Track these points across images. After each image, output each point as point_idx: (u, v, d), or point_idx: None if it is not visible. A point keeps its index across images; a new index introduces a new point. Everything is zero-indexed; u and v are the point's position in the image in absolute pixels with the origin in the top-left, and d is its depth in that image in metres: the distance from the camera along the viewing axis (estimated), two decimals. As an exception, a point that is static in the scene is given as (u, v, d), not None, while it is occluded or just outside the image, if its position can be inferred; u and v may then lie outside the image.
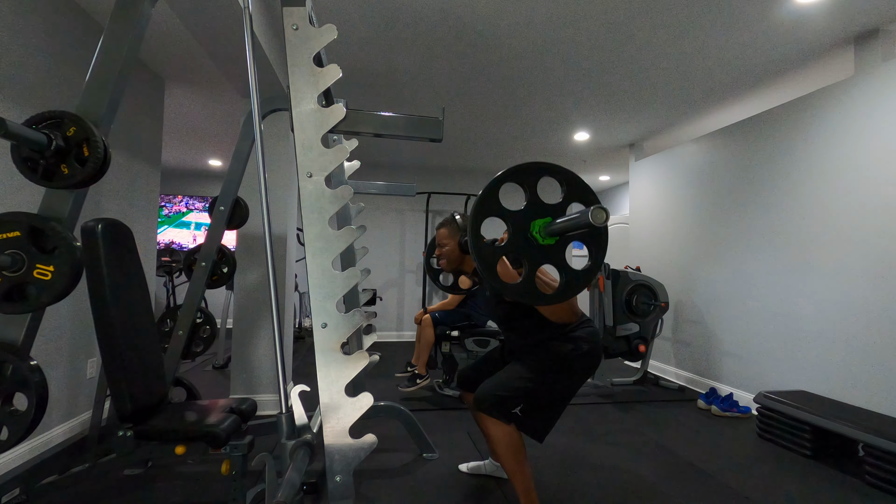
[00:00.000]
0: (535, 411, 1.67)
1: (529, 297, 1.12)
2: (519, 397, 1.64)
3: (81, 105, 1.27)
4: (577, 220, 1.00)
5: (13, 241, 1.12)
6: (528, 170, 1.12)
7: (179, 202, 6.84)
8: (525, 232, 1.11)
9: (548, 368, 1.67)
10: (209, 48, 2.42)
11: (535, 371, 1.67)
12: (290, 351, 3.33)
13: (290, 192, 3.19)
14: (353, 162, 2.54)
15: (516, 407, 1.64)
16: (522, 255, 1.11)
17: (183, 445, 1.62)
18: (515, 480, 1.67)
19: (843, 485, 2.20)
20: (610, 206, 7.66)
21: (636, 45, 2.86)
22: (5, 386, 1.15)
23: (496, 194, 1.12)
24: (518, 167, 1.12)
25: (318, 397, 1.03)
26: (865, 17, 2.53)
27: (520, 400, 1.64)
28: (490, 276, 1.10)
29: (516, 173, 1.12)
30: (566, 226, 1.04)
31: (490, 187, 1.11)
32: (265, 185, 1.17)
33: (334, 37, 1.11)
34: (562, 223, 1.06)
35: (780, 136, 3.24)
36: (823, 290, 2.86)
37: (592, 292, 3.86)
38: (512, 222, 1.11)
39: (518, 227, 1.11)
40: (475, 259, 1.11)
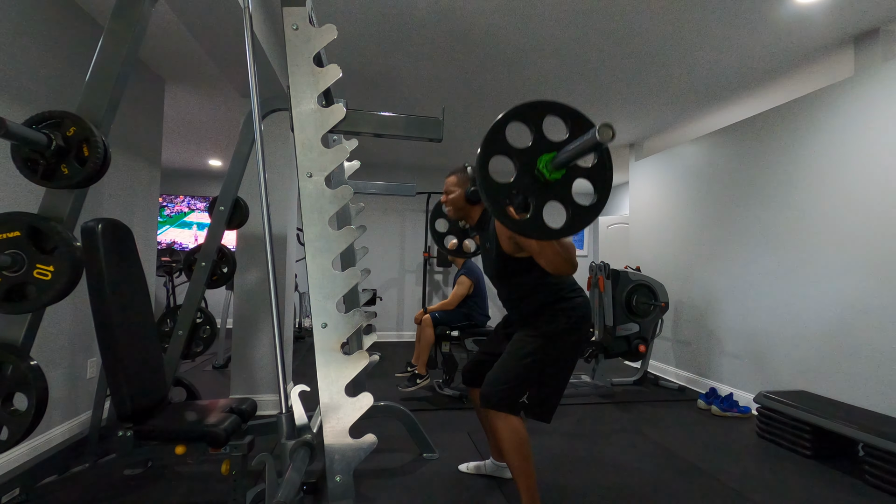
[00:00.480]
0: (541, 394, 1.69)
1: (537, 232, 1.13)
2: (523, 384, 1.66)
3: (81, 105, 1.27)
4: (583, 142, 0.98)
5: (13, 241, 1.12)
6: (533, 107, 1.13)
7: (181, 202, 6.84)
8: (531, 169, 1.12)
9: (545, 342, 1.69)
10: (209, 48, 2.42)
11: (533, 349, 1.69)
12: (290, 351, 3.33)
13: (290, 192, 3.20)
14: (353, 162, 2.54)
15: (523, 395, 1.65)
16: (529, 192, 1.12)
17: (183, 445, 1.62)
18: (520, 478, 1.67)
19: (843, 485, 2.20)
20: (610, 206, 7.66)
21: (636, 45, 2.86)
22: (5, 386, 1.15)
23: (503, 132, 1.13)
24: (523, 105, 1.13)
25: (318, 397, 1.04)
26: (865, 17, 2.53)
27: (524, 387, 1.66)
28: (500, 212, 1.11)
29: (521, 111, 1.13)
30: (573, 152, 1.03)
31: (496, 126, 1.12)
32: (265, 185, 1.17)
33: (334, 37, 1.11)
34: (568, 151, 1.05)
35: (780, 136, 3.24)
36: (823, 290, 2.86)
37: (592, 292, 3.86)
38: (518, 160, 1.12)
39: (524, 164, 1.12)
40: (483, 195, 1.11)
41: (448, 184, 1.98)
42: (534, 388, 1.67)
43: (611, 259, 6.64)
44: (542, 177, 1.12)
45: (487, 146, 1.11)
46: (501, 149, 1.12)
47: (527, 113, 1.13)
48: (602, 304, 3.76)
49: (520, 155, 1.12)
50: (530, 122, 1.13)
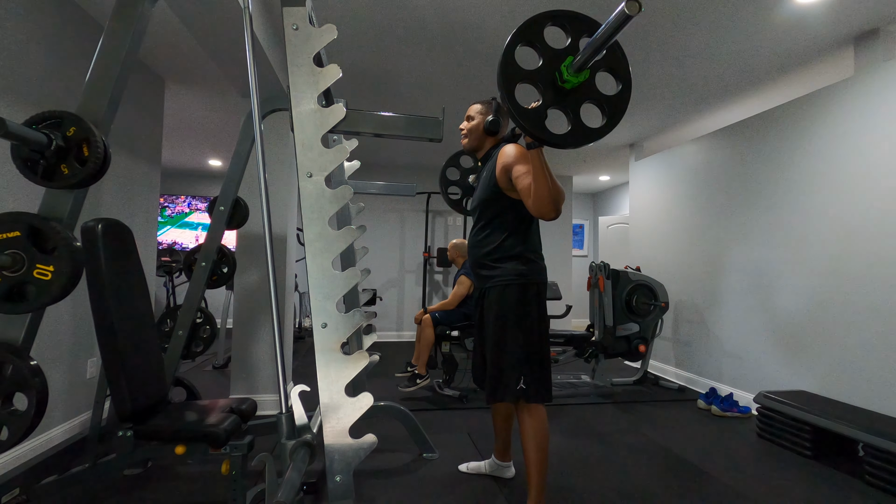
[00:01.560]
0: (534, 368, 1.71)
1: (537, 128, 1.15)
2: (513, 367, 1.69)
3: (81, 105, 1.27)
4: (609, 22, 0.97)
5: (13, 241, 1.12)
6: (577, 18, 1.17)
7: (182, 202, 6.84)
8: (554, 69, 1.15)
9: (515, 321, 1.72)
10: (209, 48, 2.42)
11: (506, 331, 1.72)
12: (290, 351, 3.33)
13: (290, 192, 3.19)
14: (353, 162, 2.54)
15: (519, 381, 1.68)
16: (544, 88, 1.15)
17: (183, 445, 1.62)
18: (536, 471, 1.70)
19: (843, 485, 2.20)
20: (610, 206, 7.67)
21: (636, 45, 2.86)
22: (5, 386, 1.15)
23: (542, 28, 1.16)
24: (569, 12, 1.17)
25: (318, 397, 1.04)
26: (865, 17, 2.53)
27: (516, 370, 1.69)
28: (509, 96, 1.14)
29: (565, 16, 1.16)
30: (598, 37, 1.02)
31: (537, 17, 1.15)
32: (265, 185, 1.17)
33: (334, 37, 1.11)
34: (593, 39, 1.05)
35: (780, 136, 3.24)
36: (823, 290, 2.86)
37: (592, 292, 3.86)
38: (546, 55, 1.15)
39: (549, 62, 1.15)
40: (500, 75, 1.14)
41: (471, 110, 1.96)
42: (526, 369, 1.70)
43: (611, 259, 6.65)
44: (560, 79, 1.14)
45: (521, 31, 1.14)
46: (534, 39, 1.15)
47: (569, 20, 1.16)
48: (602, 304, 3.76)
49: (549, 52, 1.15)
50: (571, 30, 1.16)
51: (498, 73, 1.14)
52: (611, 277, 3.81)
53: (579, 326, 6.18)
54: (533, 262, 1.78)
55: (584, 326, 4.11)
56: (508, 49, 1.13)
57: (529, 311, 1.73)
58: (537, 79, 1.15)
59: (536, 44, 1.15)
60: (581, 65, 1.10)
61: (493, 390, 1.73)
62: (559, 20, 1.16)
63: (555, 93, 1.15)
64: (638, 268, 4.38)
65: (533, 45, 1.15)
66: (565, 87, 1.15)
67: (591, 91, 1.18)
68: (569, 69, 1.13)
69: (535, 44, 1.15)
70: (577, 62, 1.10)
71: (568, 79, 1.13)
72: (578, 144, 1.18)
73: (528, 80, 1.15)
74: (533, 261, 1.79)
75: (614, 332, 3.74)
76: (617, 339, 3.76)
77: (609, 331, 3.73)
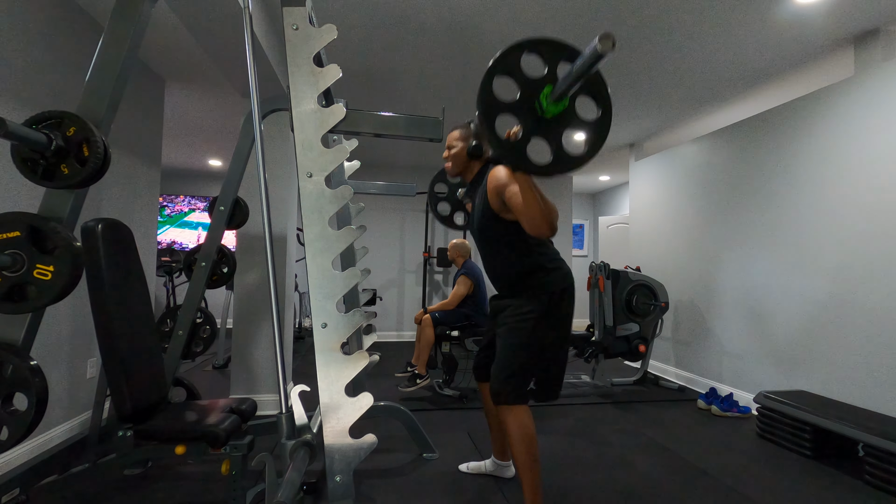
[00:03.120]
0: (548, 375, 1.72)
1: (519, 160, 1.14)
2: (527, 373, 1.69)
3: (81, 105, 1.27)
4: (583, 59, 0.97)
5: (13, 241, 1.12)
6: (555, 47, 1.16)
7: (181, 202, 6.84)
8: (533, 99, 1.14)
9: (535, 325, 1.70)
10: (209, 48, 2.42)
11: (526, 336, 1.70)
12: (290, 351, 3.33)
13: (290, 192, 3.19)
14: (353, 162, 2.54)
15: (529, 383, 1.68)
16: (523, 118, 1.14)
17: (183, 445, 1.62)
18: (527, 474, 1.68)
19: (843, 485, 2.20)
20: (610, 206, 7.66)
21: (636, 45, 2.86)
22: (5, 386, 1.15)
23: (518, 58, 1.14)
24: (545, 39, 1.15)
25: (318, 397, 1.04)
26: (865, 17, 2.53)
27: (529, 374, 1.68)
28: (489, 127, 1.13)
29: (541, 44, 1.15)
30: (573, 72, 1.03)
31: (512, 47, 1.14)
32: (265, 185, 1.17)
33: (334, 37, 1.11)
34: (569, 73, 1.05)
35: (780, 136, 3.24)
36: (823, 290, 2.86)
37: (592, 292, 3.86)
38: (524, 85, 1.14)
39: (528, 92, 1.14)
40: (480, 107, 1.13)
41: (451, 138, 1.96)
42: (539, 373, 1.70)
43: (611, 259, 6.65)
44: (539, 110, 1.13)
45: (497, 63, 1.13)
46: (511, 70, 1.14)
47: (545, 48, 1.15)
48: (602, 304, 3.76)
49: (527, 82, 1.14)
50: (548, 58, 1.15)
51: (477, 106, 1.13)
52: (611, 277, 3.81)
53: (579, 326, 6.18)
54: (554, 271, 1.77)
55: (584, 326, 4.11)
56: (486, 81, 1.12)
57: (556, 316, 1.73)
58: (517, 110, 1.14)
59: (514, 74, 1.14)
60: (559, 96, 1.10)
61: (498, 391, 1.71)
62: (535, 48, 1.14)
63: (536, 122, 1.14)
64: (638, 268, 4.38)
65: (511, 74, 1.14)
66: (545, 117, 1.14)
67: (571, 118, 1.17)
68: (548, 99, 1.12)
69: (512, 74, 1.14)
70: (555, 93, 1.10)
71: (548, 108, 1.13)
72: (562, 172, 1.18)
73: (508, 111, 1.14)
74: (553, 269, 1.77)
75: (614, 332, 3.74)
76: (617, 339, 3.76)
77: (609, 331, 3.73)
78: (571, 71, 1.03)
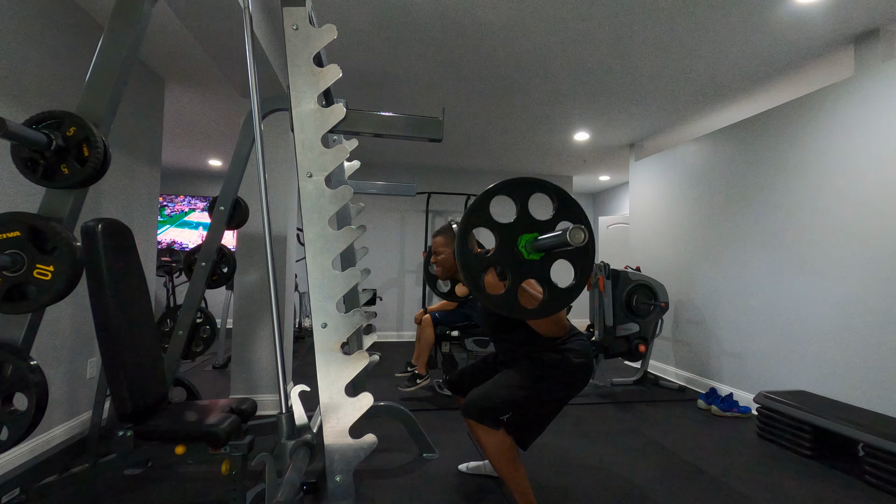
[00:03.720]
0: (523, 421, 1.69)
1: (512, 311, 1.12)
2: (507, 406, 1.64)
3: (81, 105, 1.27)
4: (557, 237, 1.01)
5: (13, 241, 1.12)
6: (520, 184, 1.14)
7: (181, 202, 6.84)
8: (512, 245, 1.12)
9: (538, 377, 1.67)
10: (209, 48, 2.42)
11: (526, 380, 1.67)
12: (290, 351, 3.33)
13: (290, 192, 3.19)
14: (353, 162, 2.54)
15: (504, 415, 1.64)
16: (508, 267, 1.12)
17: (183, 445, 1.62)
18: (511, 484, 1.67)
19: (843, 485, 2.20)
20: (610, 206, 7.66)
21: (636, 46, 2.86)
22: (5, 386, 1.15)
23: (486, 206, 1.13)
24: (510, 181, 1.13)
25: (318, 397, 1.03)
26: (865, 17, 2.53)
27: (508, 409, 1.64)
28: (474, 286, 1.10)
29: (508, 186, 1.13)
30: (548, 243, 1.06)
31: (480, 199, 1.12)
32: (265, 185, 1.17)
33: (334, 37, 1.11)
34: (545, 240, 1.07)
35: (780, 136, 3.24)
36: (823, 290, 2.86)
37: (592, 292, 3.86)
38: (500, 234, 1.12)
39: (505, 239, 1.12)
40: (460, 268, 1.11)
41: (436, 244, 1.98)
42: (516, 414, 1.66)
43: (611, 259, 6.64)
44: (521, 255, 1.12)
45: (469, 219, 1.11)
46: (484, 221, 1.12)
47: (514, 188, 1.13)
48: (602, 304, 3.76)
49: (502, 229, 1.12)
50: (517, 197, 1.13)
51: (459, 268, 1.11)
52: (611, 277, 3.81)
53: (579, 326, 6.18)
54: (568, 351, 1.70)
55: (584, 326, 4.11)
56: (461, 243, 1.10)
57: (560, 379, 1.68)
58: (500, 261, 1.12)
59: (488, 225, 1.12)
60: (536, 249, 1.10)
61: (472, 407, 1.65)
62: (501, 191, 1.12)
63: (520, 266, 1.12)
64: (638, 268, 4.38)
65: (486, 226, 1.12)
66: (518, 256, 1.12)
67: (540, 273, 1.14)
68: (527, 250, 1.11)
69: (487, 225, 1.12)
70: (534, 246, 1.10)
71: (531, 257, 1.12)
72: (557, 311, 1.16)
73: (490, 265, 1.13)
74: (566, 349, 1.71)
75: (614, 332, 3.74)
76: (617, 339, 3.76)
77: (609, 331, 3.73)
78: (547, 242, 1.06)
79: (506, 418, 1.64)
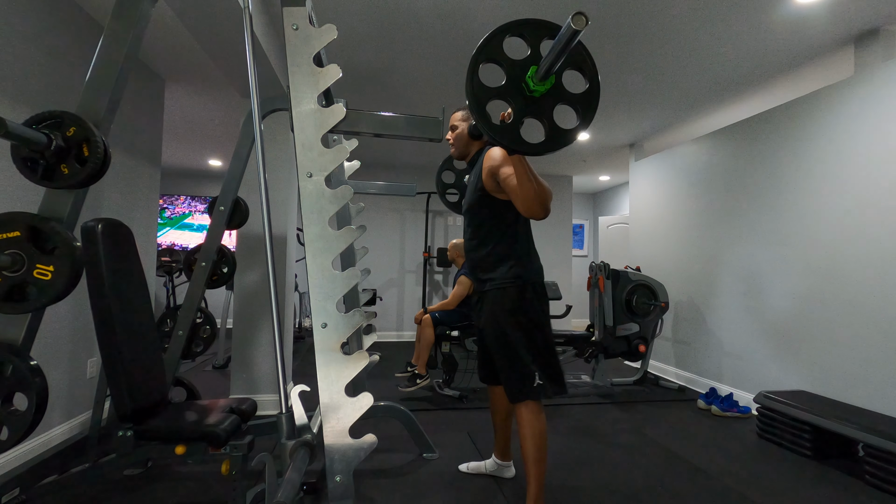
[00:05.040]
0: (547, 366, 1.72)
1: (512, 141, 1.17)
2: (527, 365, 1.69)
3: (81, 105, 1.27)
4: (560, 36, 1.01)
5: (13, 241, 1.12)
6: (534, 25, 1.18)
7: (182, 203, 6.84)
8: (520, 80, 1.16)
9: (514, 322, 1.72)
10: (209, 48, 2.42)
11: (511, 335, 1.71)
12: (290, 351, 3.33)
13: (290, 192, 3.19)
14: (353, 162, 2.54)
15: (535, 378, 1.69)
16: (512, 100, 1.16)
17: (183, 445, 1.62)
18: (536, 470, 1.70)
19: (843, 485, 2.20)
20: (610, 206, 7.66)
21: (636, 46, 2.86)
22: (5, 386, 1.15)
23: (500, 42, 1.16)
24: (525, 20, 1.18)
25: (318, 397, 1.04)
26: (865, 17, 2.53)
27: (531, 367, 1.69)
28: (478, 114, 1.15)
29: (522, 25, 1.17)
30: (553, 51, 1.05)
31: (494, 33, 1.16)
32: (265, 185, 1.17)
33: (334, 37, 1.11)
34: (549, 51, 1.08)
35: (780, 136, 3.24)
36: (823, 290, 2.86)
37: (592, 292, 3.86)
38: (509, 69, 1.16)
39: (514, 75, 1.16)
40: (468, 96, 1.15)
41: (454, 119, 1.98)
42: (538, 366, 1.70)
43: (611, 259, 6.64)
44: (528, 90, 1.15)
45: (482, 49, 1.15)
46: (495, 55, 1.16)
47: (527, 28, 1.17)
48: (602, 304, 3.76)
49: (512, 65, 1.16)
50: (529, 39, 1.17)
51: (467, 95, 1.15)
52: (611, 277, 3.81)
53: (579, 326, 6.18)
54: (528, 263, 1.79)
55: (584, 326, 4.11)
56: (472, 70, 1.15)
57: (529, 310, 1.74)
58: (505, 94, 1.16)
59: (499, 59, 1.16)
60: (543, 75, 1.12)
61: (515, 392, 1.73)
62: (515, 30, 1.17)
63: (525, 103, 1.16)
64: (638, 268, 4.38)
65: (495, 60, 1.16)
66: (534, 96, 1.16)
67: (560, 93, 1.18)
68: (533, 80, 1.14)
69: (497, 59, 1.16)
70: (540, 72, 1.12)
71: (535, 88, 1.15)
72: (557, 148, 1.19)
73: (497, 96, 1.16)
74: (528, 262, 1.79)
75: (614, 332, 3.74)
76: (617, 339, 3.76)
77: (609, 331, 3.73)
78: (551, 50, 1.06)
79: (538, 379, 1.69)
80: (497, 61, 1.16)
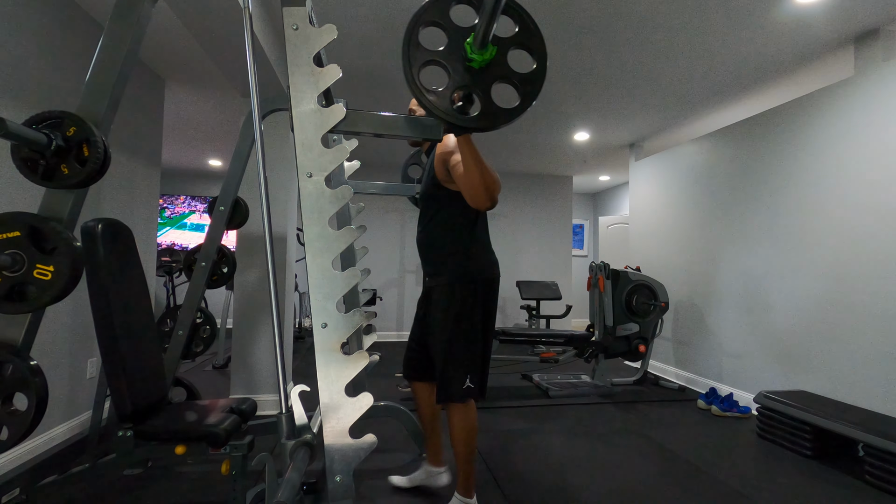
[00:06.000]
0: (477, 371, 1.70)
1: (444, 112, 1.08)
2: (463, 367, 1.67)
3: (81, 105, 1.27)
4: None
5: (13, 241, 1.12)
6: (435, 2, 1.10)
7: (182, 203, 6.83)
8: (460, 46, 1.09)
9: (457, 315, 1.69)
10: (209, 48, 2.42)
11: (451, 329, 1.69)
12: (290, 351, 3.33)
13: (290, 192, 3.19)
14: (353, 162, 2.54)
15: (465, 381, 1.66)
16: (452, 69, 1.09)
17: (183, 445, 1.62)
18: (467, 464, 1.71)
19: (843, 485, 2.20)
20: (610, 206, 7.66)
21: (636, 46, 2.85)
22: (5, 386, 1.15)
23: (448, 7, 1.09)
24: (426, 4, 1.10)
25: (318, 397, 1.03)
26: (865, 17, 2.53)
27: (464, 370, 1.67)
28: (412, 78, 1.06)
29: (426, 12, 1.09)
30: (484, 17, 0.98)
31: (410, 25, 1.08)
32: (265, 185, 1.17)
33: (334, 37, 1.11)
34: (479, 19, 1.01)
35: (780, 136, 3.24)
36: (824, 290, 2.86)
37: (592, 292, 3.86)
38: (451, 35, 1.09)
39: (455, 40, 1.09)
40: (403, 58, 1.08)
41: (412, 104, 1.95)
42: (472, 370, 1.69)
43: (611, 259, 6.65)
44: (465, 55, 1.08)
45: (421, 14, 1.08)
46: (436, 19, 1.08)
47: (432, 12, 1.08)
48: (602, 304, 3.76)
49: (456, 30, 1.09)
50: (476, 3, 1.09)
51: (402, 55, 1.07)
52: (611, 277, 3.81)
53: (579, 326, 6.18)
54: (478, 258, 1.75)
55: (584, 326, 4.11)
56: (410, 29, 1.07)
57: (474, 311, 1.71)
58: (444, 59, 1.09)
59: (441, 23, 1.09)
60: (481, 39, 1.04)
61: (445, 391, 1.70)
62: None
63: (463, 72, 1.09)
64: (638, 268, 4.38)
65: (438, 24, 1.09)
66: (473, 67, 1.09)
67: (502, 70, 1.11)
68: (472, 46, 1.06)
69: (439, 23, 1.09)
70: (477, 39, 1.04)
71: (473, 56, 1.07)
72: (492, 127, 1.12)
73: (434, 62, 1.09)
74: (478, 256, 1.75)
75: (614, 332, 3.74)
76: (617, 339, 3.76)
77: (609, 331, 3.73)
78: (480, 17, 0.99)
79: (469, 382, 1.66)
80: (440, 25, 1.09)
